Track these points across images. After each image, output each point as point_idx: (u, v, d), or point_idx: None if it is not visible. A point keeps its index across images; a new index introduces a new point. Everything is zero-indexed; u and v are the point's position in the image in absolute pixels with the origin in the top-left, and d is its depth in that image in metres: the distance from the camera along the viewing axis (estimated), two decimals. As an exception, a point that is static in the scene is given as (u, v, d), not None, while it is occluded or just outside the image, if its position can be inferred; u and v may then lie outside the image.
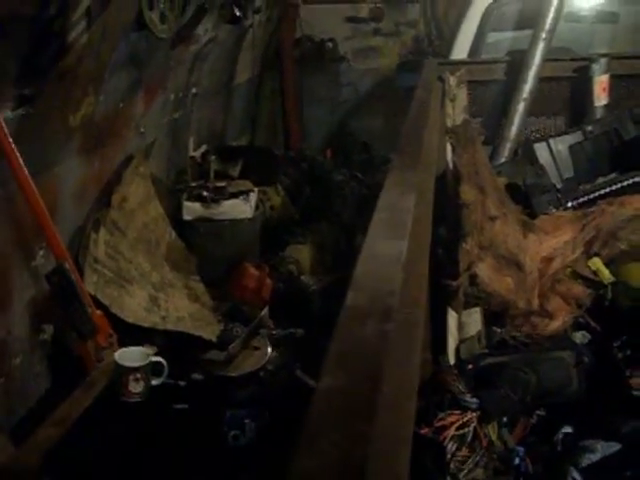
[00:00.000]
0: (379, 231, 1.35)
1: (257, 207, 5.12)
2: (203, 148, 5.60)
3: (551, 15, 2.93)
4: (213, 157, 5.24)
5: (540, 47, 2.94)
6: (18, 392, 3.06)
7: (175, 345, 3.83)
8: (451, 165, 1.92)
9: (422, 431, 1.19)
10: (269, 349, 4.13)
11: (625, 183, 2.44)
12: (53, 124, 3.13)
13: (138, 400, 2.76)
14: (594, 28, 4.01)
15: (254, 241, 5.09)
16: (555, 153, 2.72)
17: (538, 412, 1.36)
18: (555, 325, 1.76)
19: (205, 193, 4.89)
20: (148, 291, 3.99)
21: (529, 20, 3.04)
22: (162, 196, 4.65)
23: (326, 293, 5.10)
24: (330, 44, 7.89)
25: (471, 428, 1.16)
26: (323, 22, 7.99)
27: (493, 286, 1.71)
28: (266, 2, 6.46)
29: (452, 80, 2.94)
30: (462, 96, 2.92)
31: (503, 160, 2.89)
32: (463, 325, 1.71)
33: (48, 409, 3.00)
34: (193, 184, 5.00)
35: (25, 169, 2.72)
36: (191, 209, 4.85)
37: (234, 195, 4.94)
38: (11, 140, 2.65)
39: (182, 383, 3.12)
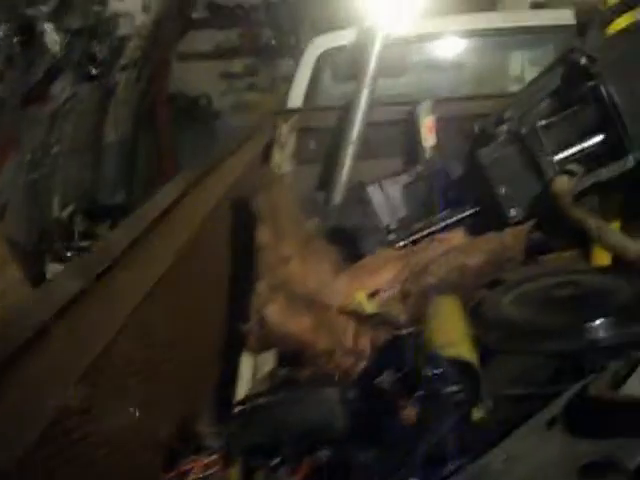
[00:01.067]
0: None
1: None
2: (70, 208, 5.49)
3: (371, 64, 3.05)
4: (78, 217, 5.15)
5: (365, 93, 3.04)
6: None
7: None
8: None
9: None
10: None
11: (449, 220, 2.53)
12: None
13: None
14: (445, 75, 4.20)
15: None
16: (388, 194, 2.79)
17: (324, 451, 1.35)
18: (360, 365, 1.76)
19: (69, 254, 4.78)
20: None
21: (357, 69, 3.16)
22: (23, 260, 4.50)
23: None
24: (204, 100, 7.95)
25: (215, 470, 1.13)
26: (198, 79, 8.06)
27: (285, 328, 1.71)
28: (134, 60, 6.47)
29: (285, 128, 3.00)
30: (291, 143, 2.98)
31: (335, 203, 2.95)
32: (258, 368, 1.71)
33: None
34: (58, 245, 4.88)
35: None
36: (56, 270, 4.71)
37: (101, 254, 4.84)
38: None
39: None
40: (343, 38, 3.67)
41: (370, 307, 1.86)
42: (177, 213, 1.67)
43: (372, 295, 2.03)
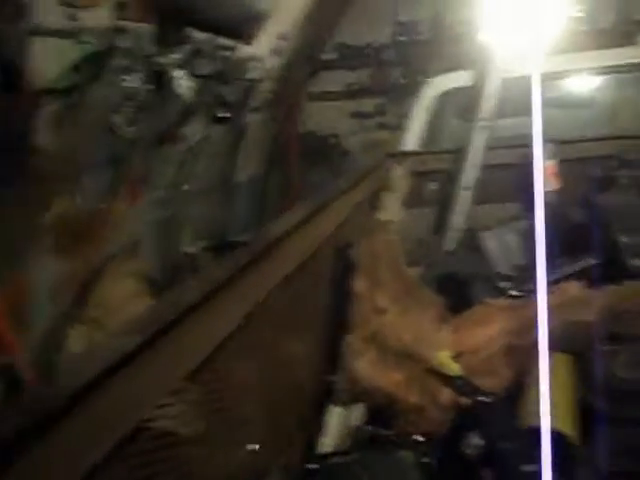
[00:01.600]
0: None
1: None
2: (200, 245, 5.68)
3: (487, 105, 2.97)
4: (208, 254, 5.32)
5: (481, 136, 2.97)
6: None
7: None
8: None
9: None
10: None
11: (567, 270, 2.41)
12: (22, 226, 3.21)
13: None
14: (573, 113, 4.05)
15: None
16: (504, 241, 2.70)
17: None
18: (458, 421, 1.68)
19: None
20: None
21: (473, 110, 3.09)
22: (156, 293, 4.68)
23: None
24: (334, 139, 8.07)
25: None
26: (328, 118, 8.20)
27: (374, 382, 1.66)
28: (265, 102, 6.65)
29: (398, 170, 2.98)
30: (404, 187, 2.95)
31: (447, 250, 2.88)
32: (344, 421, 1.66)
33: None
34: (188, 280, 5.05)
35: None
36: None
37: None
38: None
39: None
40: (461, 79, 3.63)
41: (454, 369, 1.79)
42: (279, 251, 1.68)
43: (460, 355, 1.95)
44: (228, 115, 4.80)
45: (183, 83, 3.95)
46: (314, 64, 7.96)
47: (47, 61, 2.89)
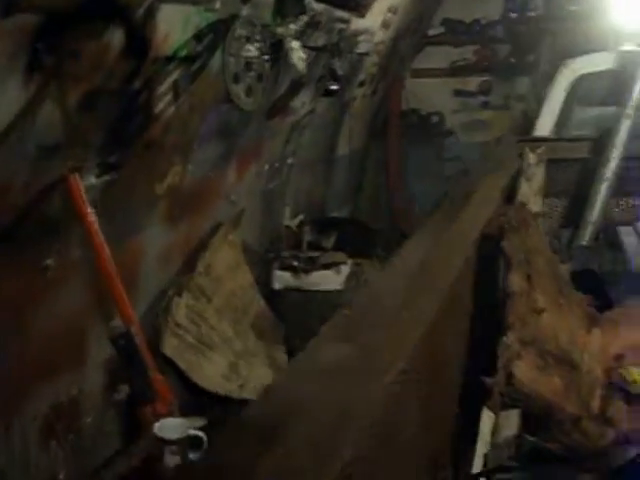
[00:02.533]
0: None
1: (349, 279, 5.08)
2: (299, 218, 5.66)
3: (637, 91, 2.78)
4: (307, 227, 5.29)
5: (625, 124, 2.78)
6: (88, 450, 3.10)
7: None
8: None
9: None
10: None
11: None
12: (138, 192, 3.24)
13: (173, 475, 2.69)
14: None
15: (344, 313, 5.03)
16: (645, 237, 2.54)
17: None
18: (613, 435, 1.57)
19: (296, 263, 4.92)
20: (229, 358, 4.00)
21: (616, 96, 2.89)
22: (253, 264, 4.70)
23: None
24: (436, 117, 7.89)
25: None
26: (431, 95, 8.02)
27: (534, 387, 1.56)
28: (371, 76, 6.56)
29: (532, 158, 2.82)
30: (540, 175, 2.79)
31: (584, 244, 2.72)
32: (498, 428, 1.57)
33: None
34: (285, 253, 5.04)
35: (101, 236, 2.81)
36: (281, 278, 4.88)
37: (326, 266, 4.94)
38: (89, 208, 2.74)
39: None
40: (601, 61, 3.41)
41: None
42: (433, 264, 1.61)
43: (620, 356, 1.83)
44: (337, 88, 4.72)
45: (298, 54, 3.89)
46: (420, 39, 7.80)
47: (173, 28, 2.87)
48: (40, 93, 2.36)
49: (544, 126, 3.49)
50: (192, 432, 2.67)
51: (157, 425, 2.68)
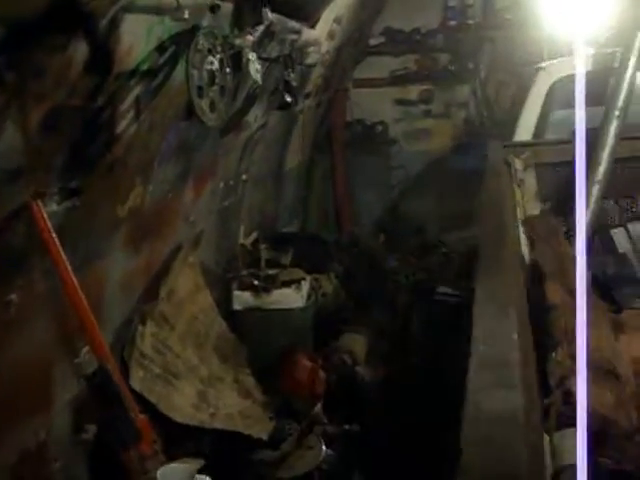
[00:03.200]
0: (482, 376, 1.14)
1: (309, 296, 4.94)
2: (254, 235, 5.50)
3: (623, 92, 2.75)
4: (264, 245, 5.13)
5: (614, 125, 2.75)
6: (58, 499, 2.86)
7: (224, 444, 3.62)
8: (528, 261, 1.70)
9: None
10: (323, 448, 3.89)
11: None
12: (100, 216, 3.03)
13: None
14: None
15: (306, 331, 4.89)
16: (634, 239, 2.50)
17: None
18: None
19: (256, 282, 4.75)
20: (196, 387, 3.80)
21: (597, 97, 2.86)
22: (212, 285, 4.53)
23: (382, 385, 4.86)
24: (380, 127, 7.85)
25: None
26: (373, 105, 7.98)
27: (591, 403, 1.47)
28: (316, 87, 6.46)
29: (518, 163, 2.76)
30: (531, 181, 2.73)
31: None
32: (557, 451, 1.46)
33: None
34: (244, 272, 4.88)
35: (67, 265, 2.60)
36: (242, 298, 4.71)
37: (286, 284, 4.80)
38: (54, 235, 2.54)
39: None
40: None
41: None
42: None
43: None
44: (291, 101, 4.58)
45: (255, 66, 3.74)
46: (362, 49, 7.75)
47: (136, 40, 2.69)
48: (1, 113, 2.16)
49: (524, 131, 3.44)
50: (199, 478, 2.48)
51: (160, 473, 2.47)
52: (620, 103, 2.76)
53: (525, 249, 1.71)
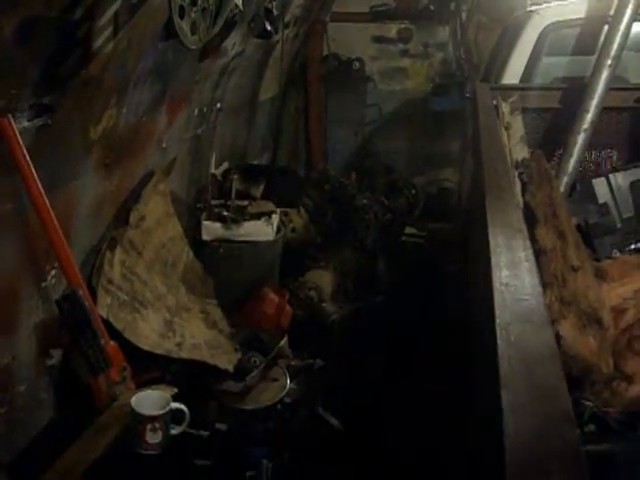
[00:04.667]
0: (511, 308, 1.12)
1: (278, 229, 4.91)
2: (225, 166, 5.42)
3: (617, 41, 2.70)
4: (235, 176, 5.05)
5: (605, 75, 2.71)
6: (21, 422, 2.83)
7: (189, 373, 3.61)
8: (521, 204, 1.69)
9: None
10: (288, 381, 3.91)
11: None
12: (72, 136, 2.92)
13: (155, 452, 2.49)
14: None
15: (274, 265, 4.88)
16: (615, 190, 2.50)
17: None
18: (635, 390, 1.51)
19: (225, 213, 4.69)
20: (163, 315, 3.77)
21: (587, 46, 2.82)
22: (181, 214, 4.45)
23: (348, 322, 4.88)
24: (357, 63, 7.71)
25: None
26: (350, 41, 7.83)
27: (576, 348, 1.47)
28: (295, 18, 6.30)
29: (504, 107, 2.72)
30: (518, 125, 2.70)
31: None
32: None
33: (52, 442, 2.79)
34: (214, 203, 4.80)
35: (39, 185, 2.52)
36: (211, 229, 4.65)
37: (255, 216, 4.74)
38: (26, 152, 2.45)
39: (204, 433, 2.85)
40: (570, 10, 3.32)
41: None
42: None
43: (621, 309, 1.77)
44: (271, 29, 4.45)
45: (237, -11, 3.61)
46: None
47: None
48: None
49: (513, 74, 3.39)
50: (174, 405, 2.47)
51: (133, 400, 2.45)
52: (613, 52, 2.72)
53: (518, 191, 1.70)
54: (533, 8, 3.49)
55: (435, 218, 7.04)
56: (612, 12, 2.78)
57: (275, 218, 4.83)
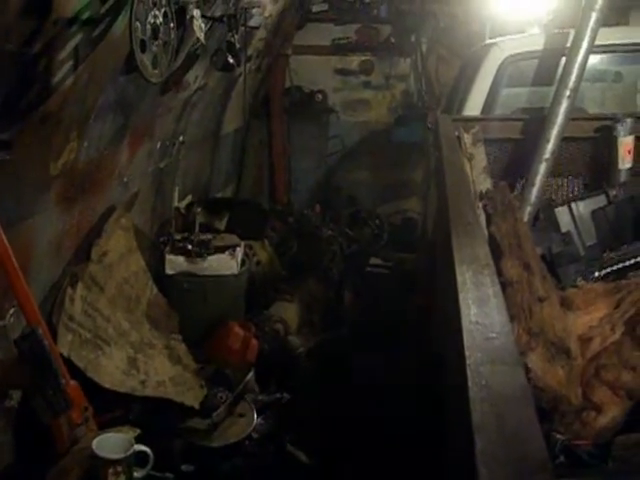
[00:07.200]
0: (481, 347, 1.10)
1: (243, 262, 4.87)
2: (188, 199, 5.38)
3: (575, 72, 2.75)
4: (199, 209, 5.01)
5: (564, 105, 2.76)
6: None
7: (154, 412, 3.53)
8: (486, 236, 1.69)
9: None
10: (255, 416, 3.86)
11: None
12: (31, 172, 2.87)
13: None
14: (597, 87, 3.86)
15: (239, 298, 4.82)
16: (577, 218, 2.53)
17: None
18: (603, 421, 1.51)
19: (189, 247, 4.64)
20: (126, 352, 3.69)
21: (546, 77, 2.87)
22: (144, 249, 4.39)
23: (315, 354, 4.84)
24: (320, 95, 7.76)
25: None
26: (313, 73, 7.89)
27: (545, 380, 1.46)
28: (257, 51, 6.33)
29: (467, 138, 2.74)
30: (480, 156, 2.72)
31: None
32: None
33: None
34: (177, 237, 4.75)
35: (-3, 222, 2.46)
36: (174, 263, 4.59)
37: (220, 250, 4.70)
38: (-17, 189, 2.39)
39: (170, 476, 2.78)
40: (529, 42, 3.38)
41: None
42: None
43: (587, 338, 1.77)
44: (234, 63, 4.45)
45: (199, 23, 3.61)
46: (303, 15, 7.63)
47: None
48: None
49: (474, 106, 3.42)
50: (137, 447, 2.39)
51: (95, 443, 2.37)
52: (571, 84, 2.77)
53: (483, 224, 1.70)
54: (492, 41, 3.55)
55: (400, 248, 7.06)
56: (569, 44, 2.83)
57: (239, 251, 4.79)
